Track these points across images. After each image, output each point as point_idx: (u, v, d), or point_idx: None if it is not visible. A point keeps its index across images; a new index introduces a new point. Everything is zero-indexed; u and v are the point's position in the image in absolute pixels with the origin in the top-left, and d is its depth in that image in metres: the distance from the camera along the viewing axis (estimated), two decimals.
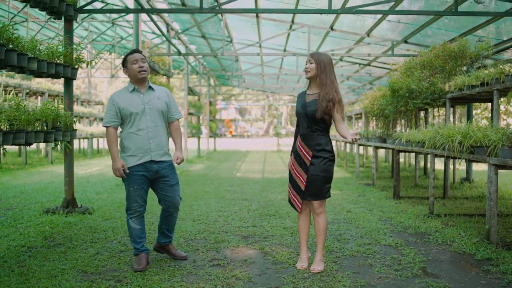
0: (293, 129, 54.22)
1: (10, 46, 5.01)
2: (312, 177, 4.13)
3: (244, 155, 22.66)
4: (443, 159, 9.49)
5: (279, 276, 4.01)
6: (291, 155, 4.40)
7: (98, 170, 13.62)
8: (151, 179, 4.28)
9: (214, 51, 16.92)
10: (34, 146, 20.67)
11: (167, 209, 4.42)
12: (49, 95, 18.72)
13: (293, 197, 4.26)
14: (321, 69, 4.15)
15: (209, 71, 22.78)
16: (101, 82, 53.93)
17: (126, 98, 4.23)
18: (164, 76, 13.03)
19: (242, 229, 5.80)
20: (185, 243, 5.10)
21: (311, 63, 4.17)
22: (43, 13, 15.47)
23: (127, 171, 4.17)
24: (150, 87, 4.33)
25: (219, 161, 18.09)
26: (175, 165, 4.42)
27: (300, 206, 4.24)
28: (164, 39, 15.18)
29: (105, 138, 23.84)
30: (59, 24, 17.11)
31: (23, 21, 15.04)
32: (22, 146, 10.12)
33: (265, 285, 3.81)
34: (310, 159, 4.14)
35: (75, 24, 17.11)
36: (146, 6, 10.40)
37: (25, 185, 9.73)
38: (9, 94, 12.01)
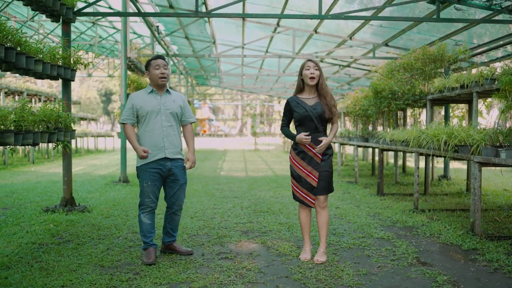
0: (266, 129, 54.41)
1: (18, 49, 5.15)
2: (323, 173, 4.44)
3: (223, 154, 22.86)
4: (423, 157, 9.96)
5: (286, 267, 4.30)
6: (291, 153, 4.58)
7: (82, 170, 13.64)
8: (164, 176, 4.52)
9: (196, 52, 17.09)
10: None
11: (172, 206, 4.67)
12: (27, 95, 18.57)
13: (304, 195, 4.50)
14: (322, 76, 4.48)
15: (188, 71, 22.90)
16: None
17: (143, 99, 4.51)
18: None
19: (240, 225, 6.06)
20: (189, 238, 5.33)
21: (316, 69, 4.45)
22: (24, 12, 15.42)
23: (150, 152, 4.40)
24: (167, 91, 4.61)
25: (200, 160, 18.26)
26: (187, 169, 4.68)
27: (314, 202, 4.51)
28: (148, 40, 15.31)
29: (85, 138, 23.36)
30: (38, 23, 16.98)
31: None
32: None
33: (275, 275, 4.09)
34: (321, 157, 4.44)
35: (54, 24, 17.01)
36: (132, 8, 10.54)
37: (13, 185, 9.76)
38: None
